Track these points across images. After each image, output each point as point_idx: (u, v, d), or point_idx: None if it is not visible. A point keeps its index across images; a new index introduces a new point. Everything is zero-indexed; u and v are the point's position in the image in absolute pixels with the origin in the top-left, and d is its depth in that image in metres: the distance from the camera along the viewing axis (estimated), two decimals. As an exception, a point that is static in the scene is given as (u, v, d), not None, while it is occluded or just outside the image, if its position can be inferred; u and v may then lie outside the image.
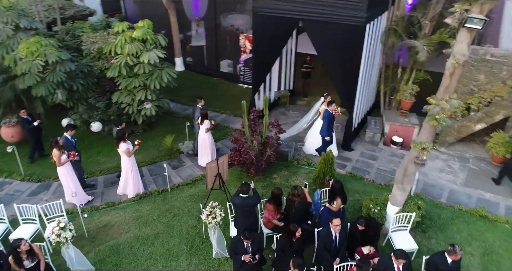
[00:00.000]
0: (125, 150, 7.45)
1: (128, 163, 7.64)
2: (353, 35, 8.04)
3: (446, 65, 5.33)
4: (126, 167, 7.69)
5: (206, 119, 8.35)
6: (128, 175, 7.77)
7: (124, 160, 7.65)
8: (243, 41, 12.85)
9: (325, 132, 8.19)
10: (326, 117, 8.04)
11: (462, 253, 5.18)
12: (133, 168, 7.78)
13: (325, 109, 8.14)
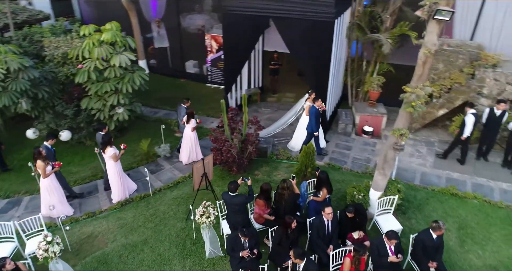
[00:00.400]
0: (112, 155, 7.25)
1: (115, 168, 7.44)
2: (322, 30, 8.32)
3: (419, 55, 5.70)
4: (112, 172, 7.47)
5: (192, 118, 8.41)
6: (113, 180, 7.53)
7: (111, 165, 7.44)
8: (209, 41, 12.80)
9: (314, 128, 8.40)
10: (313, 113, 8.24)
11: (445, 227, 5.58)
12: (120, 173, 7.56)
13: (311, 106, 8.33)
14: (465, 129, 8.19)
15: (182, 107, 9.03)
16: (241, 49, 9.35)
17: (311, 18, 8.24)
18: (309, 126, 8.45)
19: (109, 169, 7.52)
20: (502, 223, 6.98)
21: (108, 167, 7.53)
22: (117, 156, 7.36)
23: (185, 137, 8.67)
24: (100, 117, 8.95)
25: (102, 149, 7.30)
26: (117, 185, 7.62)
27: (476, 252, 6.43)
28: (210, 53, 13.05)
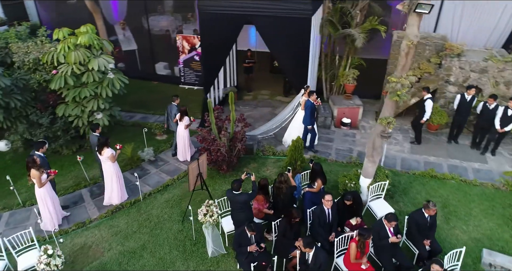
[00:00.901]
0: (110, 156, 7.15)
1: (113, 169, 7.36)
2: (300, 27, 8.54)
3: (401, 46, 6.06)
4: (110, 173, 7.36)
5: (186, 116, 8.46)
6: (113, 182, 7.44)
7: (108, 167, 7.31)
8: (181, 41, 12.65)
9: (309, 121, 8.58)
10: (309, 107, 8.42)
11: (436, 208, 5.98)
12: (118, 173, 7.45)
13: (306, 100, 8.51)
14: (425, 114, 8.77)
15: (173, 106, 9.01)
16: (220, 48, 9.36)
17: (289, 15, 8.43)
18: (304, 120, 8.64)
19: (106, 171, 7.36)
20: (479, 199, 7.57)
21: (105, 169, 7.37)
22: (114, 156, 7.23)
23: (179, 135, 8.69)
24: (78, 124, 8.61)
25: (99, 150, 7.12)
26: (116, 186, 7.49)
27: (461, 228, 6.94)
28: (182, 54, 12.90)
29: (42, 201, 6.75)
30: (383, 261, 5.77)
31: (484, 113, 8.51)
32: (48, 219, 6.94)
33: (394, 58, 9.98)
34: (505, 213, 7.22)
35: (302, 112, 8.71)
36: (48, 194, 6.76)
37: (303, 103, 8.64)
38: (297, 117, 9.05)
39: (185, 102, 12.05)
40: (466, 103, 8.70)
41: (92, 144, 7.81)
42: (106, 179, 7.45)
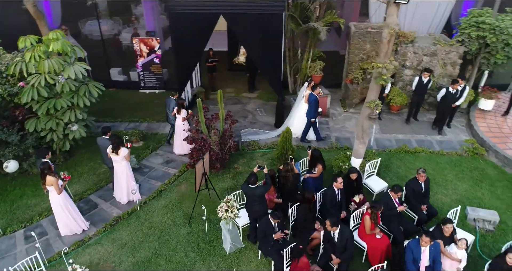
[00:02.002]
0: (126, 155, 7.20)
1: (127, 168, 7.44)
2: (273, 23, 8.84)
3: (383, 34, 6.67)
4: (125, 172, 7.41)
5: (183, 109, 8.66)
6: (128, 180, 7.52)
7: (123, 166, 7.35)
8: (138, 44, 12.24)
9: (313, 114, 8.91)
10: (313, 101, 8.73)
11: (426, 174, 6.71)
12: (131, 172, 7.59)
13: (310, 94, 8.79)
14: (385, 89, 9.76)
15: (171, 99, 9.14)
16: (192, 48, 9.28)
17: (261, 12, 8.68)
18: (308, 113, 8.96)
19: (123, 170, 7.39)
20: (450, 166, 8.59)
21: (120, 169, 7.38)
22: (129, 155, 7.37)
23: (178, 127, 8.86)
24: (53, 138, 8.00)
25: (116, 150, 7.08)
26: (133, 184, 7.60)
27: (442, 192, 7.84)
28: (140, 57, 12.48)
29: (63, 208, 6.58)
30: (393, 229, 6.36)
31: (448, 97, 9.32)
32: (73, 223, 6.84)
33: (354, 48, 10.82)
34: (473, 175, 8.31)
35: (305, 105, 9.05)
36: (67, 199, 6.66)
37: (306, 97, 8.98)
38: (300, 109, 9.35)
39: (151, 107, 11.78)
40: (423, 85, 9.71)
41: (102, 147, 7.59)
42: (120, 179, 7.45)
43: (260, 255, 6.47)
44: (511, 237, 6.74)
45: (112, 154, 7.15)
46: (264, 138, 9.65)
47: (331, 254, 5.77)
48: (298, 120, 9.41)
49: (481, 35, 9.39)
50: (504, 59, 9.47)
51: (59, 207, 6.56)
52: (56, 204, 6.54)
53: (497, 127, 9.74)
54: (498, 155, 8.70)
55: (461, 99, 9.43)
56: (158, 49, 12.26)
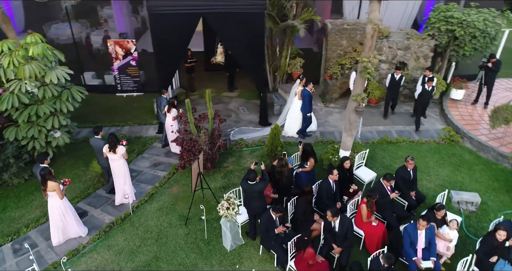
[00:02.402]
0: (124, 153, 7.23)
1: (125, 166, 7.43)
2: (256, 22, 8.92)
3: (367, 30, 6.92)
4: (122, 171, 7.39)
5: (173, 108, 8.66)
6: (126, 178, 7.51)
7: (121, 165, 7.34)
8: (113, 47, 11.94)
9: (308, 109, 9.04)
10: (307, 96, 8.89)
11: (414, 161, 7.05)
12: (128, 171, 7.59)
13: (303, 90, 8.91)
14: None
15: (163, 98, 9.20)
16: (174, 49, 9.19)
17: (243, 11, 8.74)
18: (303, 109, 9.10)
19: (120, 169, 7.36)
20: (430, 154, 9.05)
21: (118, 168, 7.35)
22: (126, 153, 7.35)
23: (167, 125, 8.84)
24: (35, 146, 7.69)
25: (113, 149, 7.04)
26: (129, 183, 7.59)
27: (426, 178, 8.25)
28: (116, 60, 12.18)
29: (63, 213, 6.51)
30: (386, 215, 6.63)
31: (424, 95, 9.68)
32: (73, 228, 6.77)
33: (331, 45, 11.12)
34: (452, 161, 8.80)
35: (298, 102, 9.18)
36: (68, 203, 6.61)
37: (299, 93, 9.12)
38: (293, 106, 9.47)
39: (130, 110, 11.54)
40: (395, 82, 9.98)
41: (96, 148, 7.50)
42: (118, 178, 7.41)
43: (262, 250, 6.55)
44: (492, 216, 7.22)
45: (110, 153, 7.09)
46: (258, 135, 9.73)
47: (332, 243, 5.95)
48: (293, 116, 9.56)
49: (450, 28, 9.94)
50: (471, 51, 10.08)
51: (60, 213, 6.44)
52: (57, 209, 6.42)
53: (469, 115, 10.35)
54: (472, 141, 9.25)
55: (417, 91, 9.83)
56: (134, 51, 12.03)
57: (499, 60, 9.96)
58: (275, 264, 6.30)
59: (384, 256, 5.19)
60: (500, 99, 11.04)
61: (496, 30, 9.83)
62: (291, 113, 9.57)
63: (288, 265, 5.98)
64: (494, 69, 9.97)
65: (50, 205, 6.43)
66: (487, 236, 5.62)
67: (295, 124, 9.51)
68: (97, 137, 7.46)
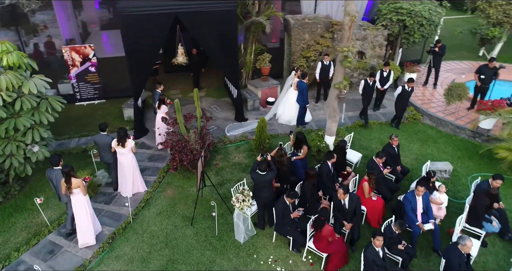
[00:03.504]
0: (133, 146, 7.42)
1: (134, 159, 7.60)
2: (228, 19, 9.06)
3: (344, 21, 7.45)
4: (131, 164, 7.52)
5: (163, 105, 8.81)
6: (135, 171, 7.67)
7: (129, 159, 7.49)
8: (69, 54, 11.26)
9: (306, 101, 9.38)
10: (305, 88, 9.17)
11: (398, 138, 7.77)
12: (137, 164, 7.75)
13: (299, 81, 9.22)
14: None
15: (156, 92, 9.40)
16: (148, 51, 8.98)
17: (215, 9, 8.83)
18: (300, 100, 9.36)
19: (129, 162, 7.48)
20: (399, 133, 9.90)
21: (127, 161, 7.45)
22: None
23: (157, 123, 8.92)
24: (14, 164, 7.11)
25: (122, 143, 7.18)
26: (139, 176, 7.80)
27: (402, 154, 8.94)
28: (73, 68, 11.50)
29: (87, 210, 6.53)
30: (381, 190, 7.23)
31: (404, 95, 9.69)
32: (90, 231, 6.67)
33: (295, 39, 11.61)
34: (418, 137, 9.76)
35: (294, 92, 9.42)
36: (89, 200, 6.62)
37: (295, 84, 9.41)
38: (289, 97, 9.67)
39: (97, 119, 10.96)
40: (369, 87, 10.08)
41: (102, 144, 7.60)
42: (127, 172, 7.53)
43: (275, 237, 6.79)
44: (464, 180, 8.22)
45: (118, 147, 7.24)
46: (250, 128, 9.90)
47: (343, 221, 6.38)
48: (289, 108, 9.85)
49: (400, 18, 10.96)
50: (420, 37, 11.22)
51: (84, 210, 6.49)
52: (82, 206, 6.46)
53: (423, 95, 11.51)
54: (431, 117, 10.34)
55: (389, 83, 10.48)
56: (93, 57, 11.47)
57: (444, 44, 11.21)
58: (290, 249, 6.58)
59: (397, 223, 5.73)
60: (444, 79, 12.41)
61: (439, 18, 11.05)
62: (287, 101, 9.91)
63: (307, 247, 6.29)
64: (440, 53, 11.20)
65: (75, 204, 6.42)
66: (476, 192, 6.46)
67: (290, 112, 9.83)
68: (103, 133, 7.55)
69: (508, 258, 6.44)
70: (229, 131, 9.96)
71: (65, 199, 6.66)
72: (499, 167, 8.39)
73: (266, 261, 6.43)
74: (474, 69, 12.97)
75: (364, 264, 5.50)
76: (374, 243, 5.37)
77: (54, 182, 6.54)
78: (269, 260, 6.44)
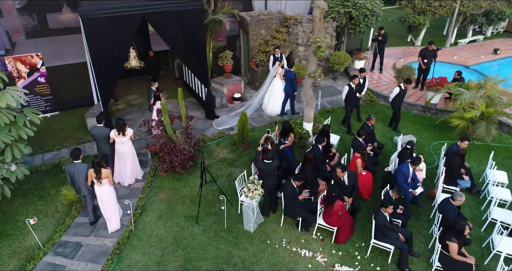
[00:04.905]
0: (132, 135, 7.74)
1: (132, 147, 7.90)
2: (195, 18, 9.09)
3: (314, 14, 7.99)
4: (130, 152, 7.83)
5: (158, 101, 8.90)
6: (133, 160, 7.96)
7: (129, 146, 7.78)
8: (13, 64, 10.31)
9: (295, 88, 9.74)
10: (294, 77, 9.49)
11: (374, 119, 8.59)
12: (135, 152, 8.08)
13: (287, 70, 9.60)
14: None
15: (152, 89, 9.54)
16: (114, 56, 8.60)
17: (181, 8, 8.82)
18: (289, 89, 9.71)
19: (129, 151, 7.78)
20: (362, 115, 10.85)
21: (126, 150, 7.75)
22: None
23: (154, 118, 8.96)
24: (-8, 187, 6.48)
25: (123, 131, 7.49)
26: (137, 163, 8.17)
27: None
28: (19, 80, 10.54)
29: (113, 199, 6.81)
30: (367, 165, 7.93)
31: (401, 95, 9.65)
32: (116, 217, 6.99)
33: (252, 35, 11.99)
34: (380, 117, 10.74)
35: (281, 82, 9.61)
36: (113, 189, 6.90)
37: (281, 74, 9.78)
38: (276, 86, 9.82)
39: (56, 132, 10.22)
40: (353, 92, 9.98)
41: (100, 136, 7.70)
42: (127, 160, 7.82)
43: (283, 221, 7.12)
44: (427, 149, 9.34)
45: (119, 136, 7.50)
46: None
47: (343, 196, 6.94)
48: (275, 98, 10.10)
49: (347, 11, 11.92)
50: (365, 27, 12.32)
51: (112, 198, 6.78)
52: (110, 195, 6.72)
53: (372, 79, 12.66)
54: (386, 98, 11.45)
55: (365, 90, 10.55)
56: (41, 66, 10.65)
57: (386, 32, 12.44)
58: (299, 229, 6.97)
59: (394, 190, 6.43)
60: (386, 63, 13.75)
61: (379, 9, 12.24)
62: (272, 92, 10.23)
63: (317, 224, 6.73)
64: (383, 40, 12.43)
65: (102, 194, 6.62)
66: (453, 147, 7.51)
67: (276, 103, 10.12)
68: (100, 125, 7.68)
69: (478, 208, 7.57)
70: (219, 126, 10.12)
71: (85, 191, 6.78)
72: (451, 134, 9.67)
73: (280, 244, 6.74)
74: (408, 54, 14.63)
75: (375, 227, 6.10)
76: (385, 211, 5.99)
77: (76, 175, 6.62)
78: (283, 243, 6.76)
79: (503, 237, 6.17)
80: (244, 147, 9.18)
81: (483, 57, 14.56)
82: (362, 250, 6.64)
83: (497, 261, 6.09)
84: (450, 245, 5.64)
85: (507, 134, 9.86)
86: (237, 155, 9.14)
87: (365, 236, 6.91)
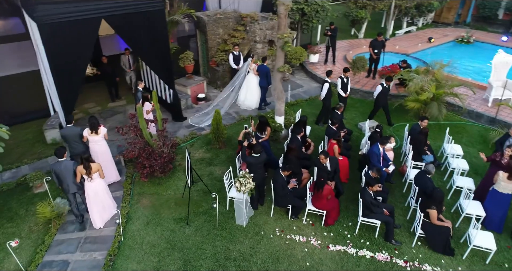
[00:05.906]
0: (105, 134, 7.64)
1: (107, 147, 7.82)
2: (157, 19, 8.94)
3: (279, 11, 8.28)
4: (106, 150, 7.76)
5: (146, 102, 8.87)
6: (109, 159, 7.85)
7: (103, 145, 7.70)
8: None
9: (270, 82, 9.83)
10: (268, 71, 9.74)
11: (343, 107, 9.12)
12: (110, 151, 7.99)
13: (261, 65, 9.64)
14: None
15: (139, 90, 9.41)
16: (76, 62, 8.17)
17: (143, 10, 8.64)
18: (264, 83, 9.88)
19: (104, 149, 7.68)
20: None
21: (101, 148, 7.64)
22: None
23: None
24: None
25: (95, 130, 7.42)
26: (112, 163, 7.99)
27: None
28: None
29: (104, 191, 6.95)
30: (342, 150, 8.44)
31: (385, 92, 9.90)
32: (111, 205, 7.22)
33: (211, 34, 12.04)
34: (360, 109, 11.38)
35: (255, 77, 9.65)
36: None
37: (254, 69, 9.99)
38: (250, 81, 9.81)
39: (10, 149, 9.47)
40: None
41: (72, 136, 7.57)
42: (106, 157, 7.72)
43: (273, 211, 7.33)
44: (389, 131, 10.10)
45: (92, 135, 7.42)
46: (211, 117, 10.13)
47: (327, 181, 7.33)
48: (251, 93, 10.14)
49: (299, 7, 12.42)
50: (317, 22, 12.92)
51: (106, 191, 6.96)
52: (101, 189, 6.83)
53: (328, 71, 13.32)
54: (341, 88, 12.13)
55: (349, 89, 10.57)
56: (-14, 79, 9.80)
57: (336, 27, 13.16)
58: (290, 217, 7.24)
59: (374, 170, 6.93)
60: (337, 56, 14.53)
61: (329, 5, 12.92)
62: (248, 87, 10.34)
63: (307, 210, 7.04)
64: (333, 34, 13.13)
65: (92, 188, 6.66)
66: (415, 127, 8.24)
67: (253, 97, 10.21)
68: (70, 125, 7.58)
69: (441, 179, 8.40)
70: (199, 123, 10.32)
71: (75, 188, 6.71)
72: (407, 116, 10.55)
73: (274, 234, 6.95)
74: (354, 45, 15.57)
75: (363, 205, 6.56)
76: (371, 189, 6.47)
77: (64, 173, 6.54)
78: (276, 232, 6.97)
79: (470, 201, 6.95)
80: (220, 145, 9.24)
81: (419, 46, 15.97)
82: (351, 228, 7.07)
83: (465, 223, 6.87)
84: (430, 212, 6.24)
85: (453, 113, 10.97)
86: (214, 154, 9.18)
87: (350, 215, 7.36)
